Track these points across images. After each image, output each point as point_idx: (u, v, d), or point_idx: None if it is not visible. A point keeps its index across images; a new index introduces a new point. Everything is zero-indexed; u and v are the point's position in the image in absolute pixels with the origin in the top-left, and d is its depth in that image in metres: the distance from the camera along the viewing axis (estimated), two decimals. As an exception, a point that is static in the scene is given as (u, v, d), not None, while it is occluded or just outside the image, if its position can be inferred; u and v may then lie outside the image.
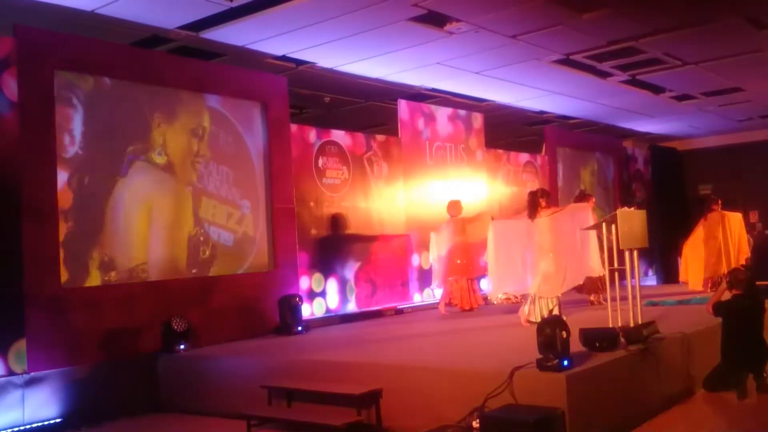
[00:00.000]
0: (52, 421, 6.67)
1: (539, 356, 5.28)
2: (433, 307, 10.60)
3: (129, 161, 7.71)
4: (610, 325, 6.47)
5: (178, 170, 8.15)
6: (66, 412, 6.79)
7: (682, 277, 10.97)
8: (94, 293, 7.25)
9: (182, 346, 7.54)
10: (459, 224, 10.06)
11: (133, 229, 7.69)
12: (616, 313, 6.69)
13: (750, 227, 11.53)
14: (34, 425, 6.54)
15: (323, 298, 9.76)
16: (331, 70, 10.01)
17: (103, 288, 7.34)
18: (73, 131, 7.30)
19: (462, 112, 12.41)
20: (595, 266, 7.68)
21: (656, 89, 12.35)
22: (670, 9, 8.34)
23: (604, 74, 11.10)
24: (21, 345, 6.64)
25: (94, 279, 7.33)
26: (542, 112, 13.88)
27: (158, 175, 7.97)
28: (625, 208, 7.16)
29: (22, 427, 6.46)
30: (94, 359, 7.10)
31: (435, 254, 10.15)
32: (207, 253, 8.36)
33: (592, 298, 9.61)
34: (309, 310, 9.43)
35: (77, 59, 7.35)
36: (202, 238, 8.32)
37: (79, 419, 6.79)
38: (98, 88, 7.53)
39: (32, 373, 6.64)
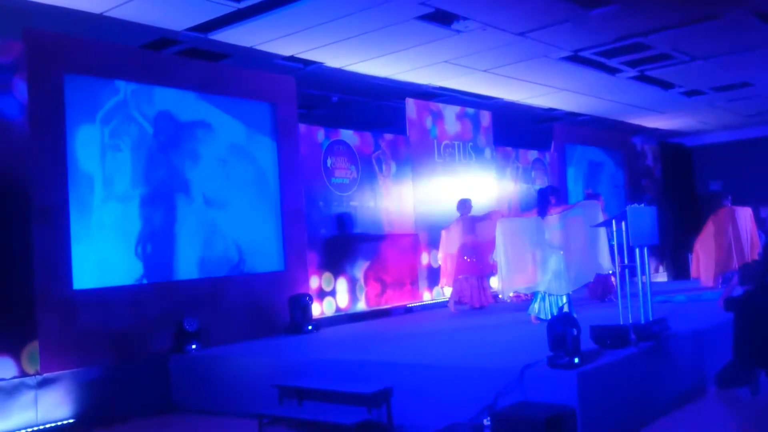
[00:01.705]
0: (64, 422, 6.71)
1: (550, 354, 5.28)
2: (442, 305, 10.60)
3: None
4: (621, 322, 6.45)
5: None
6: (78, 412, 6.82)
7: (693, 273, 10.94)
8: (105, 294, 7.28)
9: (193, 346, 7.57)
10: (469, 222, 10.06)
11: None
12: (626, 310, 6.67)
13: (760, 222, 11.46)
14: (47, 426, 6.58)
15: (333, 297, 9.78)
16: (339, 70, 10.02)
17: (114, 289, 7.38)
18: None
19: (470, 110, 12.40)
20: (605, 264, 7.70)
21: (665, 85, 12.30)
22: (678, 4, 8.30)
23: (612, 70, 11.07)
24: (33, 346, 6.68)
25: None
26: (551, 109, 13.84)
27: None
28: (635, 205, 7.15)
29: (35, 428, 6.50)
30: (106, 360, 7.14)
31: (444, 253, 10.16)
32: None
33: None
34: (319, 310, 9.45)
35: (88, 62, 7.39)
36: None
37: (91, 420, 6.82)
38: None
39: (45, 374, 6.67)
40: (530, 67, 10.59)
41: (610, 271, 8.13)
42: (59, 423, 6.68)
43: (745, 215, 10.62)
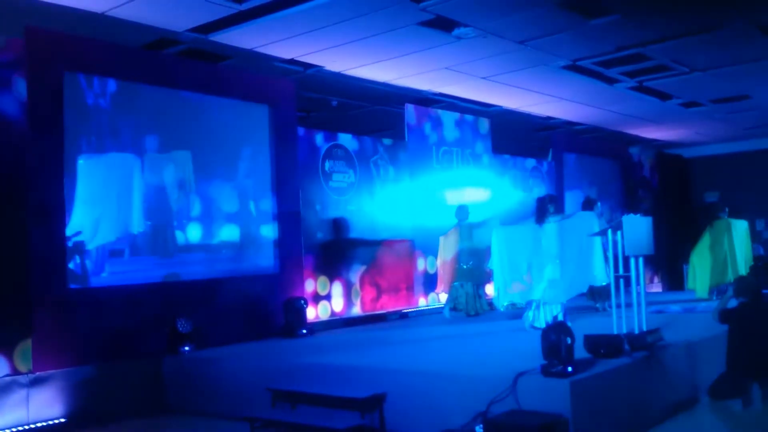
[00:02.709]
0: (56, 421, 6.69)
1: (544, 362, 5.28)
2: (438, 311, 10.59)
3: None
4: (615, 332, 6.45)
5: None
6: (70, 412, 6.81)
7: (690, 285, 10.95)
8: (99, 294, 7.28)
9: (187, 348, 7.56)
10: (466, 229, 10.07)
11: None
12: (620, 320, 6.68)
13: (756, 235, 11.49)
14: (38, 425, 6.56)
15: (328, 301, 9.78)
16: (338, 74, 10.03)
17: (108, 289, 7.37)
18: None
19: (469, 117, 12.42)
20: (599, 275, 7.67)
21: (663, 96, 12.33)
22: (677, 15, 8.33)
23: (611, 80, 11.10)
24: (26, 345, 6.67)
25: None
26: (549, 118, 13.87)
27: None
28: (632, 215, 7.16)
29: (26, 427, 6.48)
30: (99, 360, 7.13)
31: (441, 259, 10.17)
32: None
33: (597, 305, 9.61)
34: (314, 313, 9.44)
35: (88, 61, 7.39)
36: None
37: (83, 419, 6.80)
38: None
39: (37, 373, 6.66)
40: (530, 76, 10.61)
41: (604, 283, 8.09)
42: (51, 422, 6.66)
43: (741, 228, 10.64)
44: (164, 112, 8.08)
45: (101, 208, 7.51)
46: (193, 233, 8.29)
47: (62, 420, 6.74)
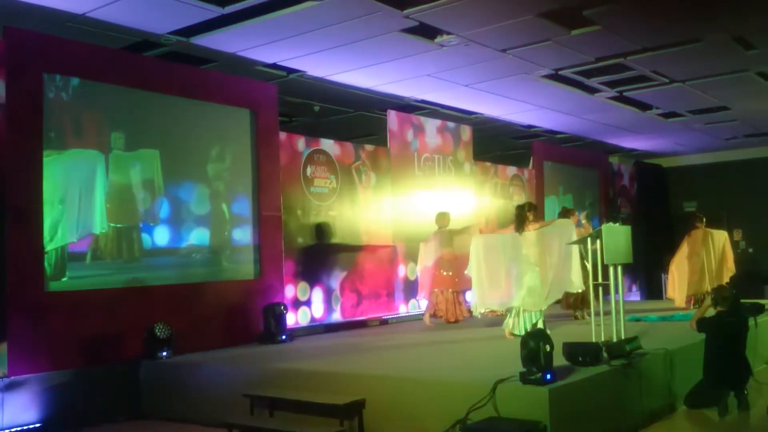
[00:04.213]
0: (31, 426, 6.60)
1: (522, 369, 5.29)
2: (418, 318, 10.59)
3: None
4: (594, 340, 6.49)
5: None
6: (46, 417, 6.71)
7: (669, 294, 11.03)
8: (77, 297, 7.19)
9: (165, 353, 7.48)
10: (446, 236, 10.09)
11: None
12: (599, 328, 6.72)
13: (733, 245, 11.61)
14: (13, 430, 6.47)
15: (308, 307, 9.74)
16: (321, 79, 10.03)
17: (86, 293, 7.29)
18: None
19: (451, 124, 12.46)
20: (576, 281, 7.79)
21: (643, 106, 12.46)
22: (658, 28, 8.43)
23: (592, 90, 11.19)
24: (2, 349, 6.58)
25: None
26: (530, 126, 13.96)
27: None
28: (611, 224, 7.22)
29: (0, 431, 6.41)
30: (75, 364, 7.04)
31: (422, 265, 10.17)
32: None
33: (576, 313, 9.66)
34: (294, 319, 9.40)
35: (67, 62, 7.32)
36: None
37: (59, 424, 6.72)
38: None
39: (12, 377, 6.57)
40: (511, 84, 10.67)
41: (581, 290, 8.22)
42: (26, 427, 6.56)
43: (719, 237, 10.75)
44: (137, 112, 7.94)
45: (62, 207, 7.17)
46: (160, 237, 8.07)
47: (37, 425, 6.64)
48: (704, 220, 10.90)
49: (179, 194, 8.29)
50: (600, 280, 6.80)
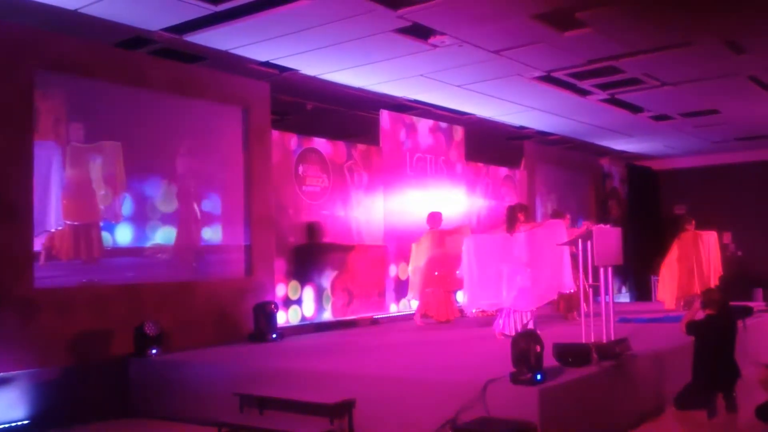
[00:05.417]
0: (19, 423, 6.57)
1: (513, 370, 5.31)
2: (409, 318, 10.60)
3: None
4: (584, 341, 6.51)
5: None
6: (34, 413, 6.69)
7: (659, 296, 11.07)
8: (65, 294, 7.16)
9: (154, 351, 7.45)
10: (438, 236, 10.09)
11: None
12: (589, 329, 6.74)
13: (723, 248, 11.67)
14: (1, 426, 6.43)
15: (299, 306, 9.73)
16: (314, 78, 10.02)
17: (75, 289, 7.26)
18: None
19: (443, 125, 12.47)
20: (567, 282, 7.83)
21: (634, 108, 12.50)
22: (650, 31, 8.46)
23: (583, 92, 11.22)
24: (-10, 344, 6.55)
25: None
26: (522, 128, 13.98)
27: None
28: (601, 225, 7.25)
29: (-12, 428, 6.37)
30: (64, 361, 7.01)
31: (413, 266, 10.17)
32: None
33: (567, 315, 9.69)
34: (284, 318, 9.39)
35: (58, 58, 7.29)
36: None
37: (47, 422, 6.69)
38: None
39: (0, 374, 6.53)
40: (503, 85, 10.69)
41: (572, 291, 8.26)
42: (14, 424, 6.53)
43: (709, 240, 10.80)
44: (132, 111, 7.95)
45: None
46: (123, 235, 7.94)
47: (25, 422, 6.62)
48: (694, 222, 10.95)
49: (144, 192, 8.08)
50: (591, 281, 6.82)
